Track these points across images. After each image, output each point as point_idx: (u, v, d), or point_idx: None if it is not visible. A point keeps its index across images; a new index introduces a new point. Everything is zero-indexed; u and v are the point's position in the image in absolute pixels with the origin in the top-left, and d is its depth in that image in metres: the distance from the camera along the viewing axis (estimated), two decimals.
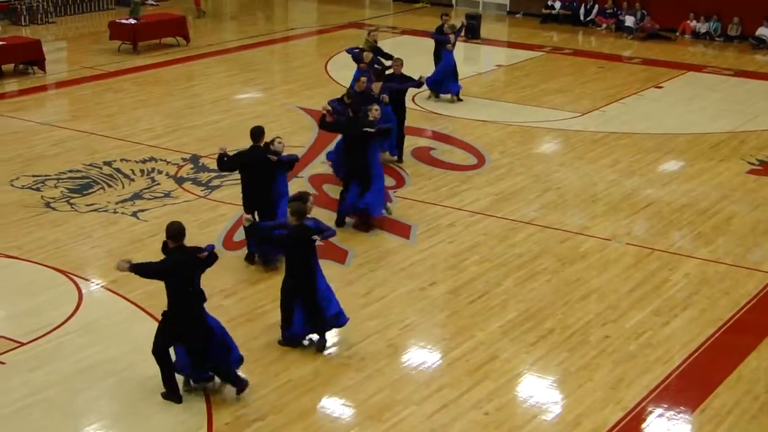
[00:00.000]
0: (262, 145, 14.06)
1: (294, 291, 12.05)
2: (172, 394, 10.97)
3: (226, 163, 14.15)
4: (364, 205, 15.57)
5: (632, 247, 15.42)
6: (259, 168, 13.93)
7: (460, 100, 23.07)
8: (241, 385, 11.13)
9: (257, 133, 14.09)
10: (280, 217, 13.60)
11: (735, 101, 24.14)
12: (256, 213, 13.77)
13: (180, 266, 10.75)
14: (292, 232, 11.82)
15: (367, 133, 15.16)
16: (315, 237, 11.83)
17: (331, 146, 18.25)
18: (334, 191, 16.92)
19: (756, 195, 17.81)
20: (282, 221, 12.47)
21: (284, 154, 14.15)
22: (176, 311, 10.79)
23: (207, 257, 10.90)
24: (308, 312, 12.08)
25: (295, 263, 11.97)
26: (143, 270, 10.73)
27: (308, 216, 12.08)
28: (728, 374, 11.91)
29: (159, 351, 10.83)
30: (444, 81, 23.02)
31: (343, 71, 23.92)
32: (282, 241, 12.12)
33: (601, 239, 15.70)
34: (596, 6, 32.64)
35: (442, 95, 23.25)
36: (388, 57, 20.19)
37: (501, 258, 14.93)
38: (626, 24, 31.20)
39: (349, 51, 20.73)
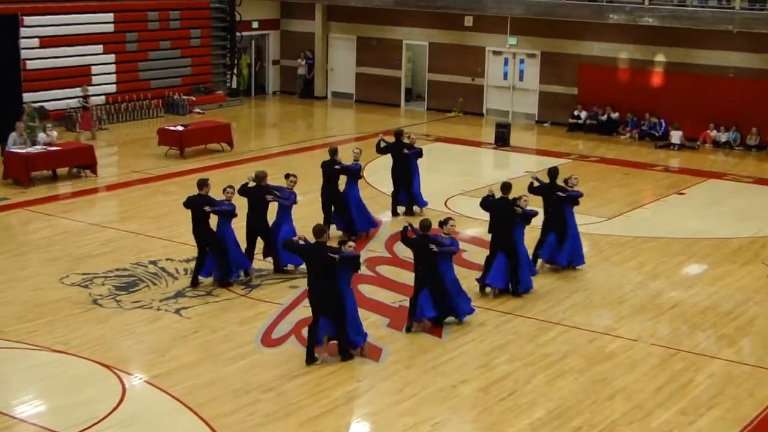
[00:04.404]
0: (326, 241, 14.34)
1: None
2: None
3: (291, 249, 15.02)
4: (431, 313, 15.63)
5: (658, 348, 15.20)
6: (320, 264, 13.97)
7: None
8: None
9: (319, 230, 14.28)
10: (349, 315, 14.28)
11: (756, 207, 24.00)
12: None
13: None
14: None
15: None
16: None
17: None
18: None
19: None
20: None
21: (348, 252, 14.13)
22: None
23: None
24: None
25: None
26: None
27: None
28: None
29: None
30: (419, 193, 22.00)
31: (378, 175, 24.01)
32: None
33: (628, 340, 15.50)
34: (618, 114, 32.73)
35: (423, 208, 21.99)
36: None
37: (530, 357, 14.75)
38: (672, 141, 31.01)
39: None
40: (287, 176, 18.17)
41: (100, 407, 12.74)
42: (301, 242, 14.48)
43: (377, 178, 23.87)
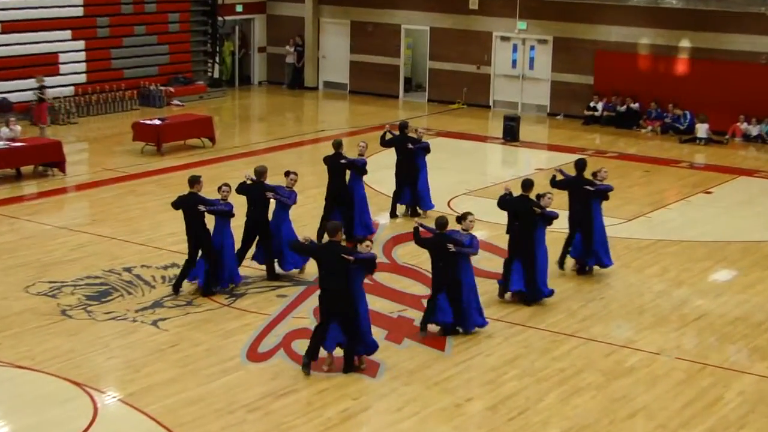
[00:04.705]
0: (340, 240, 14.58)
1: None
2: None
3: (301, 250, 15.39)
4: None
5: (682, 362, 15.22)
6: (333, 265, 14.16)
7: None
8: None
9: (333, 228, 14.48)
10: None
11: None
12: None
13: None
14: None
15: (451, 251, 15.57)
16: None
17: None
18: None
19: None
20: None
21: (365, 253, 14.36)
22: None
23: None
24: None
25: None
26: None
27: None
28: None
29: None
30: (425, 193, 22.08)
31: (375, 174, 23.98)
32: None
33: (649, 353, 15.52)
34: (638, 106, 32.72)
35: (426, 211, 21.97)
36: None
37: (542, 372, 14.77)
38: (698, 135, 31.00)
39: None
40: (287, 174, 18.28)
41: (69, 429, 12.74)
42: (308, 243, 14.67)
43: (376, 177, 23.79)
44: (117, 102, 32.91)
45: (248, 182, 17.92)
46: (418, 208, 21.90)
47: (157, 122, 28.10)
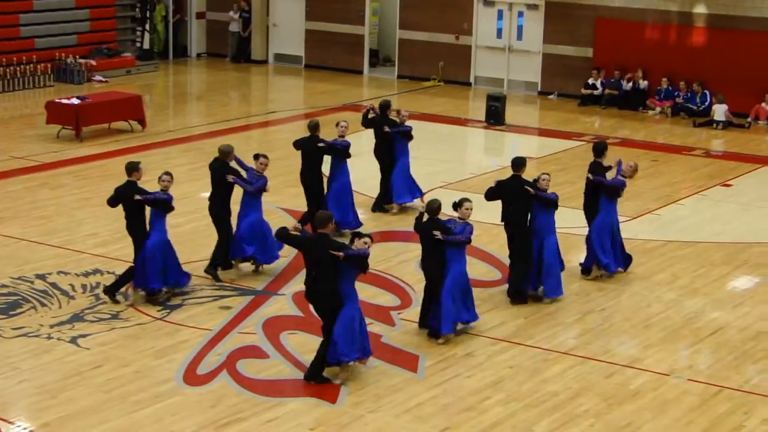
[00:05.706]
0: (330, 233, 14.81)
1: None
2: None
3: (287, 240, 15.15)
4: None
5: (696, 385, 15.33)
6: (321, 260, 14.43)
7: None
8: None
9: (323, 219, 14.70)
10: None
11: None
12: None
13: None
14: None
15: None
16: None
17: None
18: None
19: None
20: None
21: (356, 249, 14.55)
22: None
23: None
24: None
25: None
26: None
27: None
28: None
29: None
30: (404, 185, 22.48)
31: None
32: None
33: (657, 374, 15.63)
34: (647, 83, 32.86)
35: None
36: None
37: (532, 397, 14.84)
38: (715, 117, 31.17)
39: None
40: (256, 157, 18.70)
41: None
42: (296, 233, 14.88)
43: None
44: (27, 77, 32.76)
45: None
46: (385, 203, 22.07)
47: (76, 102, 27.98)
